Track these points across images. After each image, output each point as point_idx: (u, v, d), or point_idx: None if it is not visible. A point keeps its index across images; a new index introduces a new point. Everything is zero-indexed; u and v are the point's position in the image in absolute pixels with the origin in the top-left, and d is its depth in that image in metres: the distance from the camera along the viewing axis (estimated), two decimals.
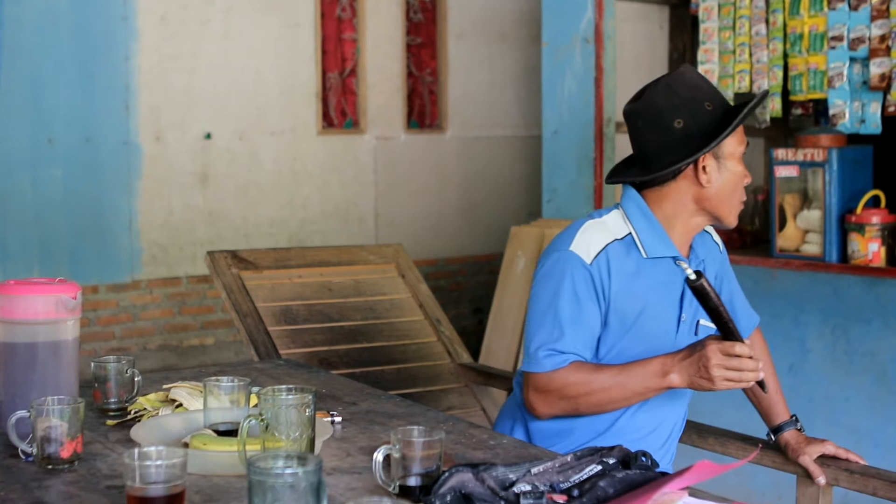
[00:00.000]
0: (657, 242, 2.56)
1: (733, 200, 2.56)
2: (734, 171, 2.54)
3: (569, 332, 2.47)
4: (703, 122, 2.50)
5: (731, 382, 2.29)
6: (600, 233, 2.55)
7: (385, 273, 4.10)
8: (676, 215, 2.57)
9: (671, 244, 2.57)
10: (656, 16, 5.53)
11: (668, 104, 2.52)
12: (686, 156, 2.49)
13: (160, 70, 7.19)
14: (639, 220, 2.57)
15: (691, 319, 2.62)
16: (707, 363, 2.29)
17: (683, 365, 2.35)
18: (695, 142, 2.49)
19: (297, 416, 1.95)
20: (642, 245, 2.55)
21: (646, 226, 2.56)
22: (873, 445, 4.19)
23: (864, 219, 4.10)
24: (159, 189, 7.24)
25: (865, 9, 4.10)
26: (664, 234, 2.56)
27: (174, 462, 1.71)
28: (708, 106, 2.51)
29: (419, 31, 8.31)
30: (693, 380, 2.34)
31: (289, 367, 3.15)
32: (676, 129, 2.50)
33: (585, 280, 2.50)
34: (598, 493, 1.84)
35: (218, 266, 3.80)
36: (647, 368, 2.41)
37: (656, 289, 2.55)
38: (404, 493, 1.87)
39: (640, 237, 2.55)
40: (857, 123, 4.20)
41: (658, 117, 2.53)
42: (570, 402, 2.46)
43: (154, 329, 7.34)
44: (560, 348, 2.47)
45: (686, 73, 2.58)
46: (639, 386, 2.42)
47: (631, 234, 2.56)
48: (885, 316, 4.14)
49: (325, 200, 7.91)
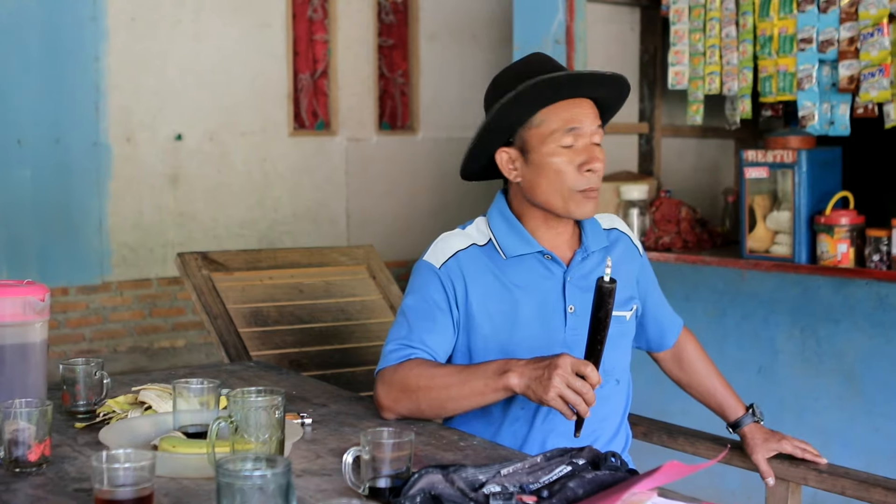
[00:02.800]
0: (516, 242, 2.48)
1: (563, 190, 2.42)
2: (548, 161, 2.40)
3: (417, 329, 2.43)
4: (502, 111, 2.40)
5: (561, 403, 2.15)
6: (456, 240, 2.52)
7: (356, 274, 4.09)
8: (524, 212, 2.51)
9: (532, 241, 2.48)
10: (627, 18, 5.54)
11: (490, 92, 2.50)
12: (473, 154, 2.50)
13: (130, 71, 7.17)
14: (497, 222, 2.52)
15: (586, 310, 2.34)
16: (553, 371, 2.15)
17: (528, 368, 2.22)
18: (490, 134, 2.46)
19: (267, 418, 1.95)
20: (500, 247, 2.49)
21: (504, 227, 2.51)
22: (842, 445, 4.22)
23: (833, 220, 4.12)
24: (129, 190, 7.21)
25: (834, 11, 4.12)
26: (524, 233, 2.49)
27: (142, 465, 1.70)
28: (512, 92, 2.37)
29: (391, 33, 8.31)
30: (531, 384, 2.19)
31: (259, 369, 3.14)
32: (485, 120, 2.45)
33: (434, 284, 2.47)
34: (568, 494, 1.84)
35: (188, 267, 3.79)
36: (490, 366, 2.30)
37: (527, 286, 2.47)
38: (374, 495, 1.86)
39: (498, 240, 2.50)
40: (827, 125, 4.22)
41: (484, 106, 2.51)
42: (412, 396, 2.37)
43: (124, 331, 7.31)
44: (408, 343, 2.42)
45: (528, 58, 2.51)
46: (478, 383, 2.29)
47: (491, 240, 2.51)
48: (854, 316, 4.17)
49: (297, 202, 7.90)
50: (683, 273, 4.60)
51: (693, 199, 5.25)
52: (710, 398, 2.81)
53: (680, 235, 4.80)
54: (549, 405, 2.17)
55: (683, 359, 2.83)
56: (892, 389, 4.08)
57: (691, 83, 4.69)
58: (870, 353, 4.14)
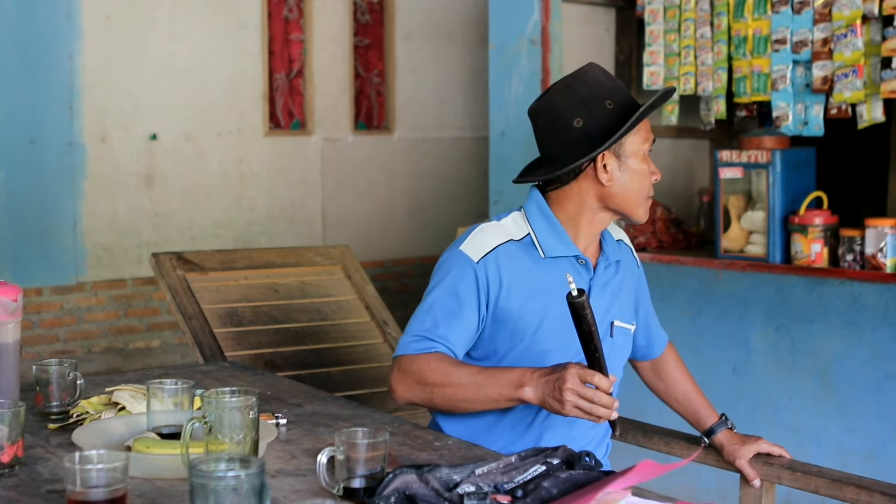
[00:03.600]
0: (556, 242, 2.54)
1: (639, 198, 2.54)
2: (637, 169, 2.52)
3: (442, 324, 2.46)
4: (603, 120, 2.48)
5: (581, 412, 2.22)
6: (495, 234, 2.54)
7: (331, 275, 4.09)
8: (580, 214, 2.56)
9: (571, 244, 2.55)
10: (602, 18, 5.55)
11: (567, 103, 2.51)
12: (584, 154, 2.47)
13: (105, 70, 7.13)
14: (538, 220, 2.56)
15: (602, 320, 2.58)
16: (562, 385, 2.21)
17: (541, 382, 2.28)
18: (594, 141, 2.47)
19: (241, 418, 1.94)
20: (540, 245, 2.53)
21: (545, 226, 2.55)
22: (816, 444, 4.24)
23: (807, 220, 4.14)
24: (104, 190, 7.18)
25: (808, 12, 4.14)
26: (564, 235, 2.55)
27: (115, 466, 1.69)
28: (609, 104, 2.49)
29: (366, 33, 8.30)
30: (546, 398, 2.27)
31: (234, 370, 3.13)
32: (576, 128, 2.48)
33: (468, 278, 2.48)
34: (542, 494, 1.84)
35: (163, 268, 3.78)
36: (506, 376, 2.35)
37: (558, 288, 2.48)
38: (348, 495, 1.86)
39: (539, 237, 2.54)
40: (800, 126, 4.24)
41: (557, 117, 2.52)
42: (426, 390, 2.42)
43: (99, 331, 7.28)
44: (430, 336, 2.45)
45: (589, 72, 2.55)
46: (493, 391, 2.36)
47: (530, 235, 2.55)
48: (827, 316, 4.19)
49: (272, 202, 7.88)
50: (659, 273, 4.61)
51: (668, 200, 5.27)
52: (685, 406, 2.86)
53: (655, 235, 4.81)
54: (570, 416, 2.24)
55: (663, 368, 2.90)
56: (866, 389, 4.10)
57: (666, 83, 4.70)
58: (843, 352, 4.16)
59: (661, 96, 2.53)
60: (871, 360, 4.08)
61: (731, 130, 5.44)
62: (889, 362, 4.04)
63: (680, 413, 2.89)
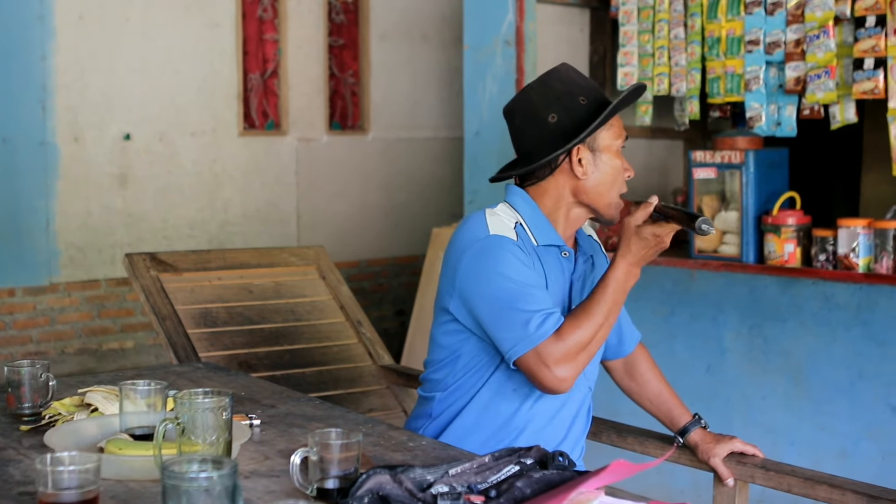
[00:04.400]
0: (544, 232, 2.59)
1: (612, 193, 2.60)
2: (611, 164, 2.58)
3: (544, 296, 2.47)
4: (577, 115, 2.54)
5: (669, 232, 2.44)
6: (502, 219, 2.57)
7: (306, 275, 4.08)
8: (557, 209, 2.61)
9: (557, 234, 2.61)
10: (577, 19, 5.56)
11: (542, 100, 2.58)
12: (559, 148, 2.53)
13: (78, 70, 7.09)
14: (525, 210, 2.60)
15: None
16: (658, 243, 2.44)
17: (640, 256, 2.45)
18: (569, 134, 2.54)
19: (214, 419, 1.94)
20: (532, 233, 2.58)
21: (532, 216, 2.60)
22: (789, 443, 4.26)
23: (780, 220, 4.16)
24: (77, 190, 7.14)
25: (781, 13, 4.16)
26: (549, 225, 2.60)
27: (87, 467, 1.69)
28: (582, 100, 2.56)
29: (341, 33, 8.28)
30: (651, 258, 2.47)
31: (208, 371, 3.13)
32: (551, 123, 2.55)
33: (521, 255, 2.51)
34: (516, 494, 1.85)
35: (136, 268, 3.76)
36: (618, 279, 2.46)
37: (550, 277, 2.57)
38: (322, 496, 1.86)
39: (529, 225, 2.58)
40: (774, 126, 4.26)
41: (533, 112, 2.58)
42: (587, 350, 2.44)
43: (72, 332, 7.24)
44: (548, 310, 2.44)
45: (562, 71, 2.62)
46: (621, 295, 2.47)
47: (521, 224, 2.58)
48: (800, 315, 4.21)
49: (247, 202, 7.86)
50: None
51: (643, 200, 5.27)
52: (658, 407, 2.87)
53: None
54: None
55: (636, 368, 2.91)
56: (838, 388, 4.13)
57: None
58: (816, 352, 4.18)
59: (633, 91, 2.60)
60: (844, 360, 4.10)
61: (705, 131, 5.47)
62: (861, 361, 4.06)
63: (653, 413, 2.89)
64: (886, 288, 3.94)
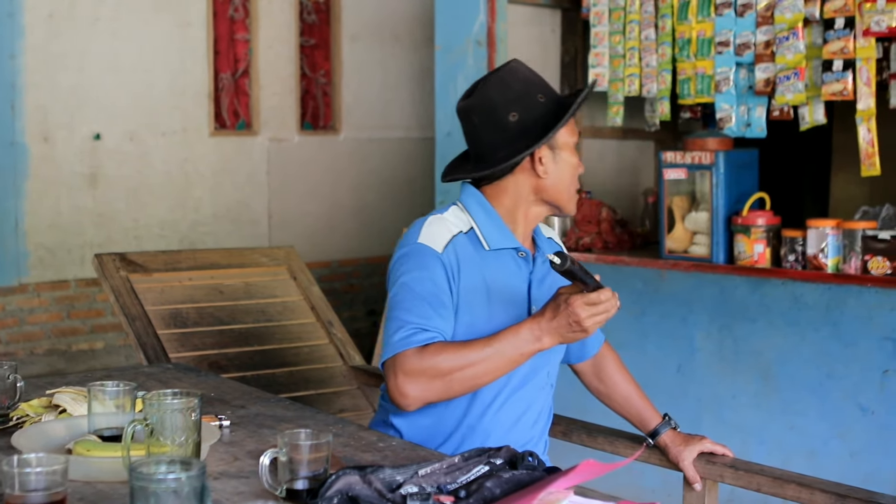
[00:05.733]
0: (498, 235, 2.56)
1: (571, 189, 2.60)
2: (569, 161, 2.57)
3: (432, 313, 2.40)
4: (537, 114, 2.52)
5: (601, 322, 2.31)
6: (444, 227, 2.53)
7: (277, 275, 4.07)
8: (517, 207, 2.59)
9: (512, 237, 2.58)
10: (548, 19, 5.57)
11: (502, 98, 2.53)
12: (521, 149, 2.50)
13: (47, 69, 7.05)
14: (479, 213, 2.57)
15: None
16: (579, 319, 2.27)
17: (553, 325, 2.32)
18: (530, 134, 2.51)
19: (183, 420, 1.93)
20: (484, 238, 2.54)
21: (486, 219, 2.56)
22: (759, 442, 4.28)
23: (750, 221, 4.18)
24: (47, 190, 7.10)
25: (751, 15, 4.18)
26: (504, 227, 2.57)
27: (54, 469, 1.68)
28: (541, 98, 2.54)
29: (313, 33, 8.27)
30: (566, 336, 2.33)
31: (178, 371, 3.11)
32: (511, 122, 2.52)
33: (440, 269, 2.46)
34: (485, 494, 1.85)
35: (106, 269, 3.74)
36: (518, 335, 2.35)
37: (501, 280, 2.53)
38: (291, 497, 1.85)
39: (482, 230, 2.55)
40: (743, 127, 4.28)
41: (493, 112, 2.53)
42: (445, 381, 2.34)
43: (42, 333, 7.19)
44: (425, 326, 2.38)
45: (517, 68, 2.59)
46: (514, 353, 2.36)
47: (473, 229, 2.55)
48: (770, 315, 4.23)
49: (218, 202, 7.83)
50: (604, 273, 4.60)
51: (613, 200, 5.29)
52: (628, 408, 2.86)
53: (600, 236, 4.84)
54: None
55: (604, 371, 2.90)
56: (807, 388, 4.15)
57: (611, 85, 4.73)
58: (785, 351, 4.20)
59: (589, 89, 2.59)
60: (813, 360, 4.13)
61: (676, 132, 5.49)
62: (830, 361, 4.08)
63: (623, 416, 2.89)
64: (855, 288, 3.96)
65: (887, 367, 3.95)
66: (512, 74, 2.57)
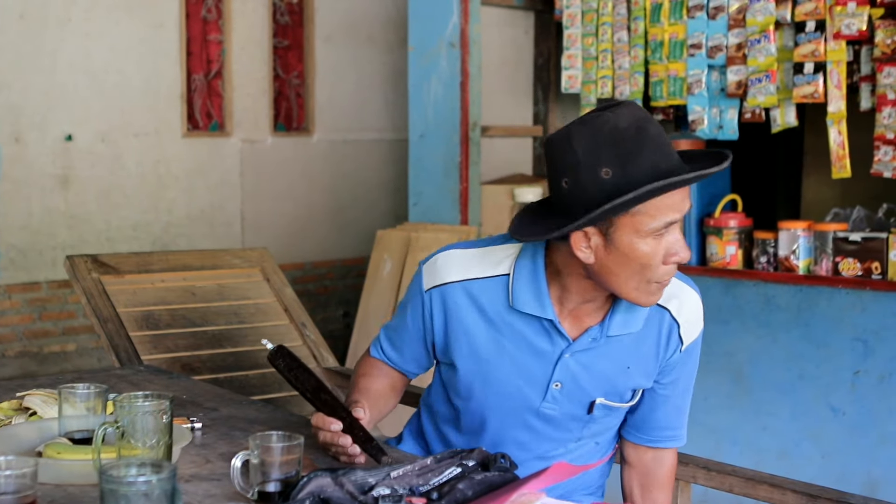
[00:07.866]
0: (529, 297, 2.20)
1: (635, 280, 2.08)
2: (635, 249, 2.04)
3: (391, 337, 2.48)
4: (635, 177, 1.99)
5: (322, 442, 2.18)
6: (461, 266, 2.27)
7: (250, 277, 4.06)
8: (568, 275, 2.16)
9: (549, 308, 2.19)
10: (521, 21, 5.58)
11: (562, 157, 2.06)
12: (560, 225, 2.05)
13: (19, 69, 7.01)
14: (524, 266, 2.21)
15: (572, 390, 2.26)
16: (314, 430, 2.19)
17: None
18: (577, 210, 2.04)
19: (154, 422, 1.92)
20: (512, 293, 2.20)
21: (527, 275, 2.20)
22: (731, 443, 4.29)
23: (722, 222, 4.20)
24: (18, 192, 7.05)
25: (723, 18, 4.20)
26: (544, 297, 2.18)
27: (24, 472, 1.67)
28: (606, 174, 2.00)
29: (286, 34, 8.25)
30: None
31: (150, 373, 3.10)
32: (563, 188, 2.06)
33: (415, 304, 2.36)
34: (457, 496, 1.85)
35: (78, 271, 3.72)
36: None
37: (521, 343, 2.23)
38: (263, 499, 1.85)
39: (514, 284, 2.20)
40: (716, 129, 4.30)
41: (553, 166, 2.09)
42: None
43: (13, 335, 7.15)
44: (382, 343, 2.50)
45: (609, 120, 2.02)
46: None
47: (508, 277, 2.22)
48: (742, 317, 4.24)
49: (191, 204, 7.80)
50: None
51: None
52: None
53: None
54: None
55: (653, 482, 2.50)
56: (779, 389, 4.17)
57: (584, 87, 4.74)
58: (757, 353, 4.22)
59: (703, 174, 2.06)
60: (785, 361, 4.15)
61: None
62: (802, 362, 4.11)
63: None
64: (826, 290, 3.99)
65: (858, 367, 3.97)
66: (598, 128, 2.03)
